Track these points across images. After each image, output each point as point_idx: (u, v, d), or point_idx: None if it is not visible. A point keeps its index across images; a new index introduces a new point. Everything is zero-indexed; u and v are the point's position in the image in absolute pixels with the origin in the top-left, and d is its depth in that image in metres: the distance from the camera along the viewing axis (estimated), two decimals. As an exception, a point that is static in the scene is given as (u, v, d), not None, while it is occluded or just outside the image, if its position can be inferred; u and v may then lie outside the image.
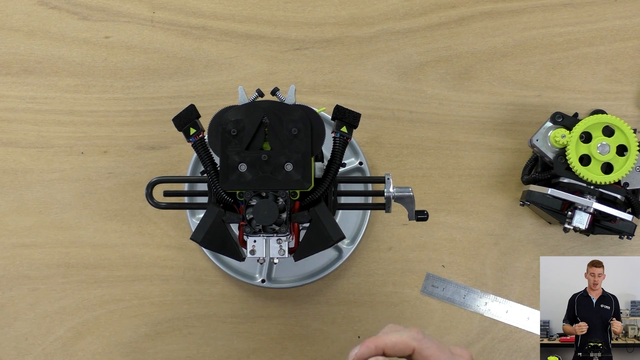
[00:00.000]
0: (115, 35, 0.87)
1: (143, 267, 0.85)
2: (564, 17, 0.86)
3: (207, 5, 0.87)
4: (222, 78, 0.87)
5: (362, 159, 0.83)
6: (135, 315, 0.85)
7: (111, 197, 0.86)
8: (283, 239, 0.63)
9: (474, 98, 0.86)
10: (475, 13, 0.87)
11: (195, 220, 0.84)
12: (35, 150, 0.86)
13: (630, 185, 0.76)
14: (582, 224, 0.76)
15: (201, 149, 0.64)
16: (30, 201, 0.86)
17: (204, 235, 0.63)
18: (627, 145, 0.74)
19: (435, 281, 0.85)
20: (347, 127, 0.64)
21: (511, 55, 0.86)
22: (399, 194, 0.68)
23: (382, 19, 0.87)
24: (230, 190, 0.63)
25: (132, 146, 0.86)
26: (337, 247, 0.83)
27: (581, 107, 0.85)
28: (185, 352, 0.85)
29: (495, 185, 0.86)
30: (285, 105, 0.63)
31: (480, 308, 0.84)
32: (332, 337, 0.85)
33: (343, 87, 0.86)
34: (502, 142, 0.86)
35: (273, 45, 0.87)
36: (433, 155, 0.86)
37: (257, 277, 0.83)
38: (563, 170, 0.76)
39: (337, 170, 0.65)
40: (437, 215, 0.85)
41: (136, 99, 0.87)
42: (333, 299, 0.85)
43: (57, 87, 0.87)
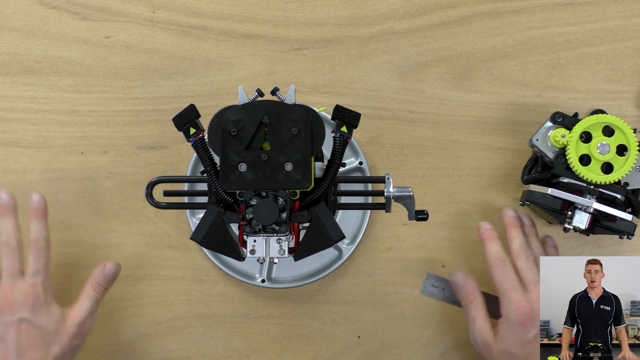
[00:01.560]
0: (115, 35, 0.87)
1: (143, 267, 0.85)
2: (564, 17, 0.86)
3: (207, 5, 0.87)
4: (222, 78, 0.87)
5: (362, 159, 0.83)
6: (135, 315, 0.85)
7: (111, 197, 0.86)
8: (283, 238, 0.63)
9: (474, 98, 0.86)
10: (475, 13, 0.87)
11: (195, 220, 0.84)
12: (35, 150, 0.86)
13: (630, 185, 0.76)
14: (582, 224, 0.76)
15: (201, 148, 0.64)
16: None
17: (204, 235, 0.63)
18: (627, 145, 0.74)
19: (436, 281, 0.85)
20: (347, 127, 0.64)
21: (511, 55, 0.86)
22: (399, 193, 0.68)
23: (382, 19, 0.87)
24: (230, 190, 0.63)
25: (132, 146, 0.86)
26: (337, 247, 0.83)
27: (581, 107, 0.85)
28: (185, 352, 0.85)
29: (495, 185, 0.86)
30: (285, 105, 0.63)
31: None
32: (332, 337, 0.85)
33: (343, 87, 0.87)
34: (502, 142, 0.86)
35: (273, 45, 0.87)
36: (433, 155, 0.86)
37: (257, 277, 0.83)
38: (563, 170, 0.76)
39: (337, 170, 0.65)
40: (437, 215, 0.85)
41: (136, 99, 0.87)
42: (333, 299, 0.85)
43: (57, 87, 0.87)
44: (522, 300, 0.75)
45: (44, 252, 0.76)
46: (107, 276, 0.78)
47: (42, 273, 0.75)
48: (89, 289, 0.78)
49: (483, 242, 0.80)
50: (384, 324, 0.85)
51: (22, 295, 0.74)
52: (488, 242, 0.79)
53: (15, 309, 0.73)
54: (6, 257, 0.75)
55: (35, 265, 0.75)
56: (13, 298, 0.74)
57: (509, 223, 0.81)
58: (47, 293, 0.75)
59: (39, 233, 0.77)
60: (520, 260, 0.78)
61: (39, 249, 0.76)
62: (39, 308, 0.74)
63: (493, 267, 0.78)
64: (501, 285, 0.77)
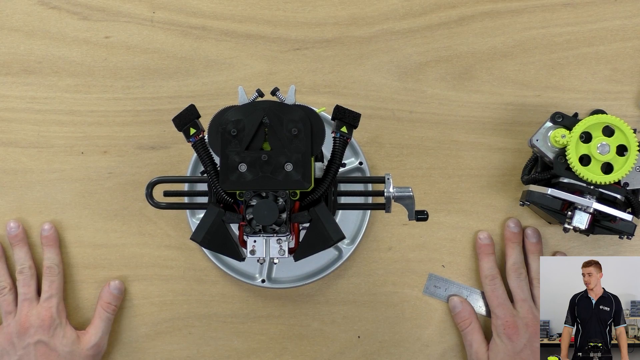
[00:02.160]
0: (115, 35, 0.87)
1: (143, 267, 0.85)
2: (564, 17, 0.86)
3: (207, 5, 0.87)
4: (222, 78, 0.87)
5: (362, 159, 0.83)
6: (135, 315, 0.85)
7: (111, 197, 0.86)
8: (283, 239, 0.63)
9: (474, 98, 0.86)
10: (475, 13, 0.87)
11: (195, 220, 0.84)
12: (35, 150, 0.86)
13: (630, 185, 0.76)
14: (582, 224, 0.76)
15: (201, 149, 0.64)
16: (30, 201, 0.86)
17: (204, 235, 0.63)
18: (627, 145, 0.74)
19: (438, 282, 0.85)
20: (347, 127, 0.64)
21: (511, 55, 0.86)
22: (399, 194, 0.68)
23: (382, 19, 0.87)
24: (230, 190, 0.63)
25: (132, 146, 0.86)
26: (337, 247, 0.83)
27: (581, 107, 0.85)
28: (185, 352, 0.85)
29: (495, 185, 0.86)
30: (285, 106, 0.63)
31: (482, 309, 0.84)
32: (332, 337, 0.85)
33: (343, 87, 0.86)
34: (502, 142, 0.86)
35: (273, 45, 0.87)
36: (433, 155, 0.86)
37: (257, 277, 0.83)
38: (563, 170, 0.76)
39: (337, 170, 0.65)
40: (437, 215, 0.85)
41: (136, 99, 0.87)
42: (333, 299, 0.85)
43: (57, 87, 0.87)
44: (507, 315, 0.80)
45: (57, 278, 0.83)
46: (114, 294, 0.83)
47: (56, 297, 0.82)
48: (99, 309, 0.82)
49: (478, 256, 0.84)
50: (384, 324, 0.85)
51: (39, 318, 0.79)
52: (482, 257, 0.83)
53: (32, 332, 0.79)
54: (21, 284, 0.82)
55: (49, 290, 0.82)
56: (30, 321, 0.79)
57: (508, 238, 0.83)
58: (61, 316, 0.81)
59: (52, 260, 0.83)
60: (511, 279, 0.82)
61: (53, 274, 0.83)
62: (55, 330, 0.79)
63: (484, 284, 0.83)
64: (490, 302, 0.81)
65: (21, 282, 0.82)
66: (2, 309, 0.82)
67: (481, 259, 0.83)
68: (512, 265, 0.82)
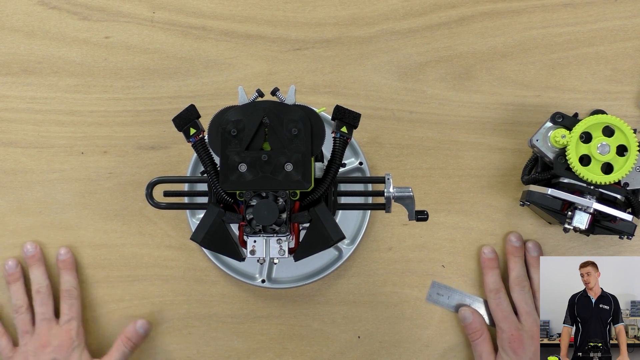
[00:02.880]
0: (115, 35, 0.87)
1: (143, 267, 0.85)
2: (564, 17, 0.86)
3: (207, 5, 0.87)
4: (222, 78, 0.87)
5: (362, 159, 0.83)
6: (135, 315, 0.85)
7: (111, 197, 0.86)
8: (283, 239, 0.63)
9: (474, 98, 0.86)
10: (475, 13, 0.87)
11: (195, 220, 0.84)
12: (35, 150, 0.86)
13: (630, 185, 0.76)
14: (582, 224, 0.76)
15: (201, 149, 0.64)
16: (30, 201, 0.86)
17: (204, 235, 0.63)
18: (627, 146, 0.74)
19: (441, 289, 0.85)
20: (347, 127, 0.64)
21: (511, 55, 0.86)
22: (399, 194, 0.68)
23: (382, 19, 0.87)
24: (230, 191, 0.63)
25: (132, 146, 0.86)
26: (337, 247, 0.83)
27: (581, 107, 0.85)
28: (185, 352, 0.85)
29: (495, 185, 0.86)
30: (285, 106, 0.63)
31: (485, 318, 0.83)
32: (332, 337, 0.85)
33: (343, 87, 0.87)
34: (502, 142, 0.86)
35: (273, 45, 0.87)
36: (433, 155, 0.86)
37: (257, 277, 0.84)
38: (563, 171, 0.76)
39: (337, 171, 0.65)
40: (437, 215, 0.85)
41: (136, 99, 0.87)
42: (333, 299, 0.85)
43: (57, 87, 0.87)
44: (512, 329, 0.80)
45: (76, 301, 0.83)
46: (139, 333, 0.83)
47: (76, 320, 0.82)
48: (119, 343, 0.83)
49: (483, 270, 0.84)
50: (384, 324, 0.85)
51: (58, 339, 0.80)
52: (487, 271, 0.83)
53: (49, 350, 0.80)
54: (39, 304, 0.83)
55: (69, 314, 0.82)
56: (49, 341, 0.80)
57: (510, 252, 0.84)
58: (79, 339, 0.81)
59: (70, 284, 0.84)
60: (514, 292, 0.82)
61: (72, 297, 0.83)
62: (72, 352, 0.80)
63: (488, 298, 0.83)
64: (495, 315, 0.82)
65: (38, 302, 0.82)
66: (19, 329, 0.82)
67: (485, 273, 0.83)
68: (516, 279, 0.82)
